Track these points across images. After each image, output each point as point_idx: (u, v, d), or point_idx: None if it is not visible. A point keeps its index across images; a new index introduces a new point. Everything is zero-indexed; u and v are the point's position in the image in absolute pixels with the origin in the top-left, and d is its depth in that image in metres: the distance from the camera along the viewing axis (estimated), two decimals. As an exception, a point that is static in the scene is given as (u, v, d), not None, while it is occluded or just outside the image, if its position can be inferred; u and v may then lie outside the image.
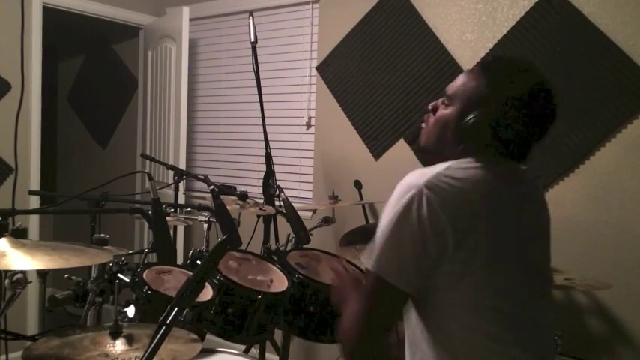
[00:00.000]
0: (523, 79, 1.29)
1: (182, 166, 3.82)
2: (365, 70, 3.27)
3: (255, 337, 2.04)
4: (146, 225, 3.72)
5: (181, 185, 3.12)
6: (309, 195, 3.56)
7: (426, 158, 1.37)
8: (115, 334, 1.48)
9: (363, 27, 3.29)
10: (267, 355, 2.70)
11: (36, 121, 3.62)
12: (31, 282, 1.52)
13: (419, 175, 1.19)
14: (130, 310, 1.79)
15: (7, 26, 3.39)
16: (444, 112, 1.32)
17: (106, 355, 1.41)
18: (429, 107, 1.36)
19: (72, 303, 1.80)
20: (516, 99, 1.25)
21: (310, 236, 2.45)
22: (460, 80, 1.32)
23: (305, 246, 2.46)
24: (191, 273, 1.24)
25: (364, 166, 3.25)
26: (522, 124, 1.27)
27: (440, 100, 1.35)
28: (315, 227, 2.88)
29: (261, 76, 2.97)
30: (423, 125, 1.38)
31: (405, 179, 1.20)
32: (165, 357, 1.38)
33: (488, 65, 1.32)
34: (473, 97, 1.27)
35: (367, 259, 1.20)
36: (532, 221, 1.35)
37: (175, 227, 3.27)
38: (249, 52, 2.97)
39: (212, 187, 2.17)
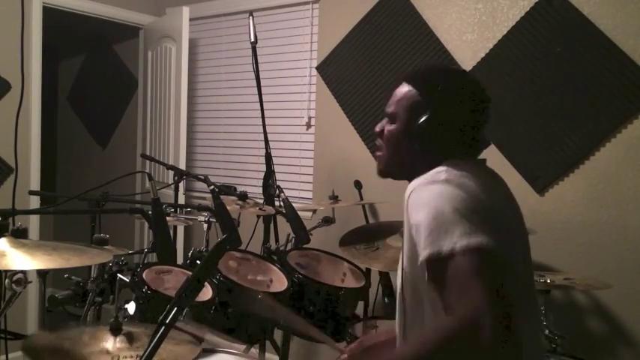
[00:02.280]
0: (447, 75, 1.38)
1: (182, 166, 3.81)
2: (365, 70, 3.27)
3: (255, 337, 2.04)
4: (146, 225, 3.72)
5: (181, 185, 3.12)
6: (309, 195, 3.56)
7: (394, 176, 1.43)
8: (114, 331, 1.48)
9: (363, 27, 3.29)
10: (267, 355, 2.70)
11: (36, 121, 3.62)
12: (31, 282, 1.52)
13: (428, 177, 1.22)
14: (131, 307, 1.78)
15: (7, 26, 3.39)
16: (390, 129, 1.38)
17: (107, 352, 1.41)
18: (377, 130, 1.42)
19: (72, 303, 1.81)
20: (450, 94, 1.32)
21: (310, 236, 2.44)
22: (395, 97, 1.39)
23: (305, 246, 2.46)
24: (191, 273, 1.23)
25: (364, 166, 3.25)
26: (466, 114, 1.32)
27: (383, 122, 1.41)
28: (315, 227, 2.87)
29: (261, 76, 2.97)
30: (378, 153, 1.43)
31: (418, 184, 1.21)
32: (166, 357, 1.38)
33: (415, 76, 1.39)
34: (413, 105, 1.34)
35: (433, 247, 1.08)
36: (519, 220, 1.36)
37: (175, 227, 3.27)
38: (249, 52, 2.97)
39: (212, 187, 2.17)
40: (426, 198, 1.16)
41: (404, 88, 1.37)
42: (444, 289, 1.07)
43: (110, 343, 1.45)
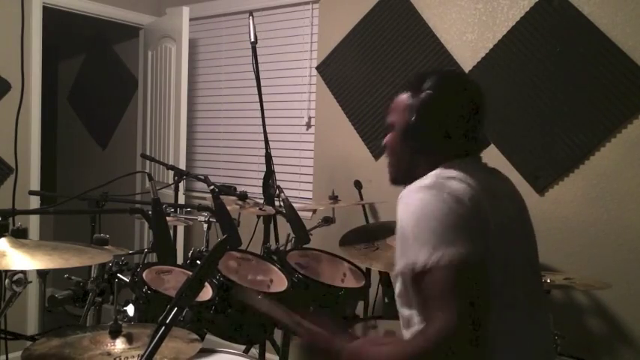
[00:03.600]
0: (439, 76, 1.38)
1: (182, 166, 3.81)
2: (365, 70, 3.27)
3: (255, 337, 2.04)
4: (146, 225, 3.73)
5: (181, 185, 3.12)
6: (309, 195, 3.56)
7: (403, 182, 1.43)
8: (114, 334, 1.48)
9: (363, 27, 3.29)
10: (267, 355, 2.70)
11: (36, 121, 3.62)
12: (31, 282, 1.52)
13: (417, 183, 1.25)
14: (130, 310, 1.79)
15: (7, 26, 3.39)
16: (391, 137, 1.42)
17: (108, 353, 1.41)
18: (383, 144, 1.46)
19: (72, 303, 1.80)
20: (439, 92, 1.34)
21: (310, 236, 2.44)
22: (392, 106, 1.42)
23: (305, 246, 2.46)
24: (191, 273, 1.23)
25: (364, 166, 3.25)
26: (457, 112, 1.34)
27: (387, 136, 1.45)
28: (315, 227, 2.87)
29: (261, 76, 2.97)
30: (388, 162, 1.47)
31: (407, 192, 1.24)
32: (167, 355, 1.38)
33: (410, 80, 1.42)
34: (405, 109, 1.36)
35: (407, 260, 1.16)
36: (522, 218, 1.37)
37: (175, 227, 3.27)
38: (249, 52, 2.97)
39: (212, 187, 2.17)
40: (408, 209, 1.21)
41: (400, 96, 1.41)
42: (420, 301, 1.17)
43: (110, 345, 1.45)
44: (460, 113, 1.33)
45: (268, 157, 2.91)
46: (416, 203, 1.20)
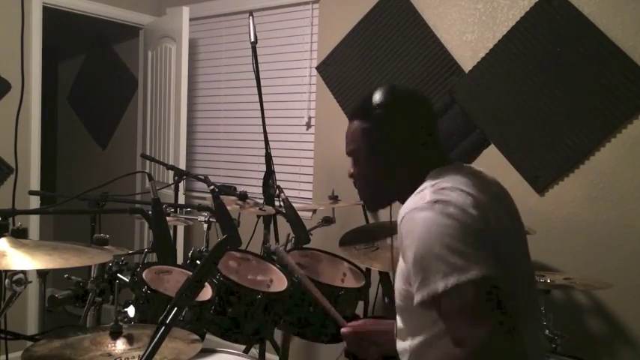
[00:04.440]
0: (380, 94, 1.38)
1: (182, 166, 3.81)
2: (365, 70, 3.27)
3: (255, 337, 2.04)
4: (146, 225, 3.73)
5: (181, 185, 3.12)
6: (309, 195, 3.56)
7: (383, 206, 1.47)
8: (115, 335, 1.48)
9: (363, 27, 3.29)
10: (267, 355, 2.70)
11: (36, 121, 3.62)
12: (31, 282, 1.52)
13: (417, 201, 1.22)
14: (130, 311, 1.78)
15: (7, 26, 3.39)
16: (358, 170, 1.43)
17: (109, 354, 1.41)
18: (350, 177, 1.48)
19: (72, 303, 1.80)
20: (396, 102, 1.35)
21: (310, 236, 2.44)
22: (348, 137, 1.44)
23: (305, 246, 2.46)
24: (191, 273, 1.23)
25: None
26: (420, 117, 1.36)
27: (350, 167, 1.47)
28: (315, 227, 2.87)
29: (261, 76, 2.97)
30: (360, 193, 1.48)
31: (408, 210, 1.21)
32: (167, 355, 1.38)
33: (355, 111, 1.43)
34: (362, 135, 1.38)
35: (428, 289, 1.12)
36: (513, 218, 1.35)
37: (175, 227, 3.27)
38: (249, 52, 2.97)
39: (212, 187, 2.17)
40: (416, 232, 1.17)
41: (352, 125, 1.42)
42: (448, 324, 1.12)
43: (111, 346, 1.45)
44: (419, 117, 1.35)
45: (268, 157, 2.91)
46: (421, 224, 1.16)
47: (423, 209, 1.18)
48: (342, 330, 1.62)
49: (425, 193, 1.22)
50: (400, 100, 1.36)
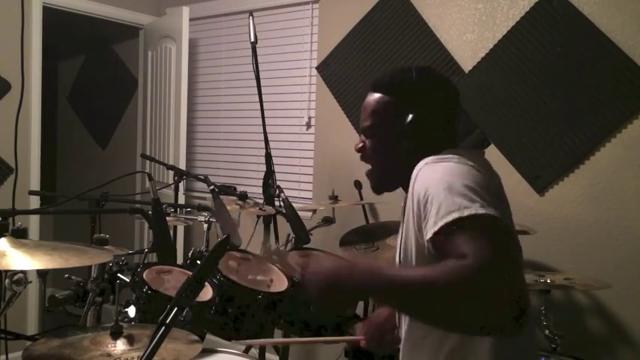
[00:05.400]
0: (408, 71, 1.35)
1: (182, 166, 3.82)
2: (365, 70, 3.27)
3: (255, 337, 2.04)
4: (146, 225, 3.73)
5: (181, 185, 3.12)
6: (309, 195, 3.56)
7: (389, 188, 1.42)
8: (115, 335, 1.48)
9: (363, 27, 3.29)
10: (267, 355, 2.70)
11: (36, 121, 3.62)
12: (31, 282, 1.52)
13: (432, 158, 1.20)
14: (131, 311, 1.79)
15: (7, 26, 3.39)
16: (372, 141, 1.37)
17: (108, 355, 1.40)
18: (357, 150, 1.41)
19: (72, 303, 1.80)
20: (424, 87, 1.31)
21: (310, 236, 2.44)
22: (365, 109, 1.37)
23: (305, 246, 2.46)
24: (191, 273, 1.23)
25: (364, 166, 3.23)
26: (443, 105, 1.31)
27: (360, 141, 1.40)
28: (315, 227, 2.87)
29: (261, 76, 2.97)
30: (368, 170, 1.42)
31: (426, 163, 1.19)
32: (166, 356, 1.38)
33: (380, 84, 1.36)
34: (385, 108, 1.33)
35: (450, 214, 1.04)
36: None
37: (175, 227, 3.27)
38: (249, 52, 2.97)
39: (212, 187, 2.17)
40: (440, 172, 1.14)
41: (374, 98, 1.35)
42: (457, 245, 1.01)
43: (111, 346, 1.45)
44: (448, 104, 1.33)
45: (268, 157, 2.91)
46: (441, 170, 1.14)
47: (444, 160, 1.17)
48: (362, 344, 1.60)
49: (444, 155, 1.20)
50: (434, 83, 1.33)
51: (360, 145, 1.40)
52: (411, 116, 1.29)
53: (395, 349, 1.45)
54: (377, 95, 1.35)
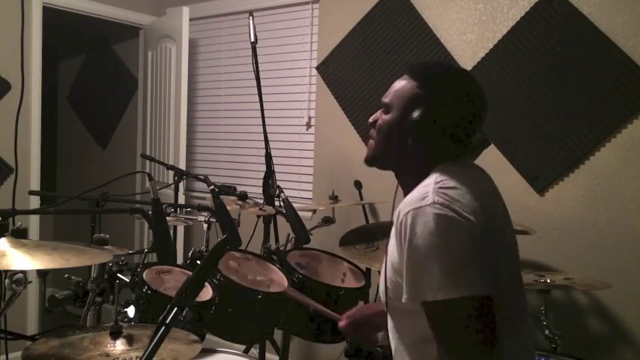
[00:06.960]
0: (449, 73, 1.35)
1: (182, 166, 3.81)
2: (365, 70, 3.27)
3: (255, 337, 2.04)
4: (146, 225, 3.72)
5: (181, 185, 3.12)
6: (309, 195, 3.56)
7: (380, 166, 1.42)
8: (115, 335, 1.48)
9: (363, 27, 3.29)
10: (267, 355, 2.70)
11: (36, 121, 3.62)
12: (31, 282, 1.52)
13: (420, 198, 1.18)
14: (131, 311, 1.79)
15: (7, 26, 3.39)
16: (385, 118, 1.36)
17: (107, 355, 1.40)
18: (370, 121, 1.40)
19: (72, 303, 1.80)
20: (449, 91, 1.28)
21: (310, 236, 2.44)
22: (394, 88, 1.36)
23: (305, 246, 2.46)
24: (191, 273, 1.23)
25: (364, 166, 3.23)
26: (462, 114, 1.28)
27: (379, 112, 1.39)
28: (315, 227, 2.87)
29: (261, 76, 2.97)
30: (370, 142, 1.41)
31: (406, 212, 1.18)
32: (165, 357, 1.38)
33: (417, 69, 1.35)
34: (411, 98, 1.31)
35: (420, 293, 1.14)
36: (505, 215, 1.35)
37: (175, 227, 3.27)
38: (249, 52, 2.97)
39: (212, 187, 2.17)
40: (415, 235, 1.14)
41: (404, 80, 1.34)
42: (435, 334, 1.15)
43: (110, 346, 1.45)
44: (467, 116, 1.28)
45: (268, 157, 2.91)
46: (421, 230, 1.14)
47: (425, 213, 1.15)
48: (340, 324, 1.62)
49: (429, 190, 1.19)
50: (462, 91, 1.29)
51: (374, 119, 1.40)
52: (419, 111, 1.27)
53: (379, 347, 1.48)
54: (408, 79, 1.33)
